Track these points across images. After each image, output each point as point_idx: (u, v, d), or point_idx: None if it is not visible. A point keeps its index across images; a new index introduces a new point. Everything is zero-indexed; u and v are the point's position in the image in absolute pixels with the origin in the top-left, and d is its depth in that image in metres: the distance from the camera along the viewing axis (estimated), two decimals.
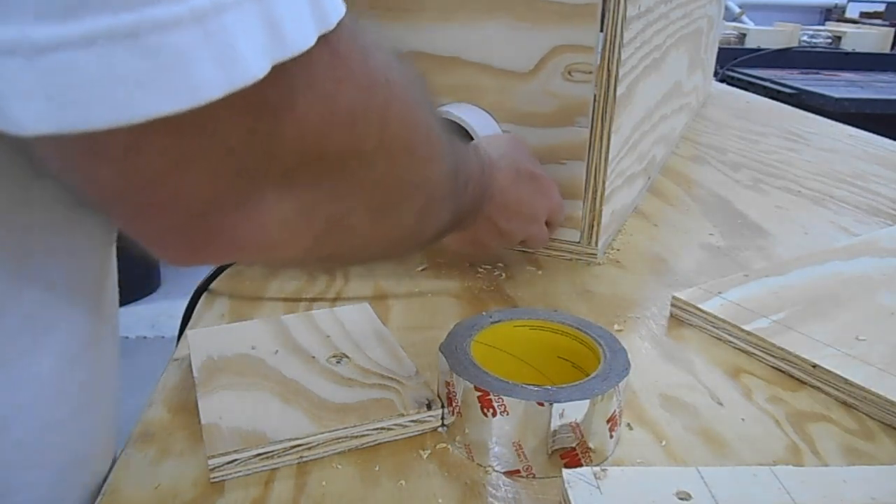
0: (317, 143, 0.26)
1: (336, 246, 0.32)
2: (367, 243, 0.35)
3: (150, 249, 0.26)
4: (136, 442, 0.39)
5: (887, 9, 3.63)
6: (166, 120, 0.20)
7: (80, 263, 0.34)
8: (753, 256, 0.66)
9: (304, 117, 0.25)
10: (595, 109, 0.58)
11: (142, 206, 0.24)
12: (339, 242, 0.32)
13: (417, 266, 0.61)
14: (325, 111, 0.25)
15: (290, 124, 0.24)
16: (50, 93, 0.19)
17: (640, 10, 0.60)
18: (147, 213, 0.24)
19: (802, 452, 0.40)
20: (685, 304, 0.53)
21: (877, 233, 0.69)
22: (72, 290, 0.33)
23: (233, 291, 0.56)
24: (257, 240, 0.27)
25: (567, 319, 0.43)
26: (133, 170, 0.22)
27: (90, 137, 0.20)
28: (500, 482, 0.37)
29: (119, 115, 0.19)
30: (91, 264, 0.35)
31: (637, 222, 0.74)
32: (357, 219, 0.31)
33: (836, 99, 1.76)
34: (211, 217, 0.25)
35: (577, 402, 0.36)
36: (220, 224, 0.25)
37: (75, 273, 0.33)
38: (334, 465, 0.38)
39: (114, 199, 0.24)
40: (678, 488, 0.33)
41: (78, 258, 0.33)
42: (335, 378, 0.42)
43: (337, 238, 0.31)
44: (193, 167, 0.23)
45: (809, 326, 0.49)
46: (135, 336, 2.22)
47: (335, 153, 0.27)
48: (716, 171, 0.93)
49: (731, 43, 2.35)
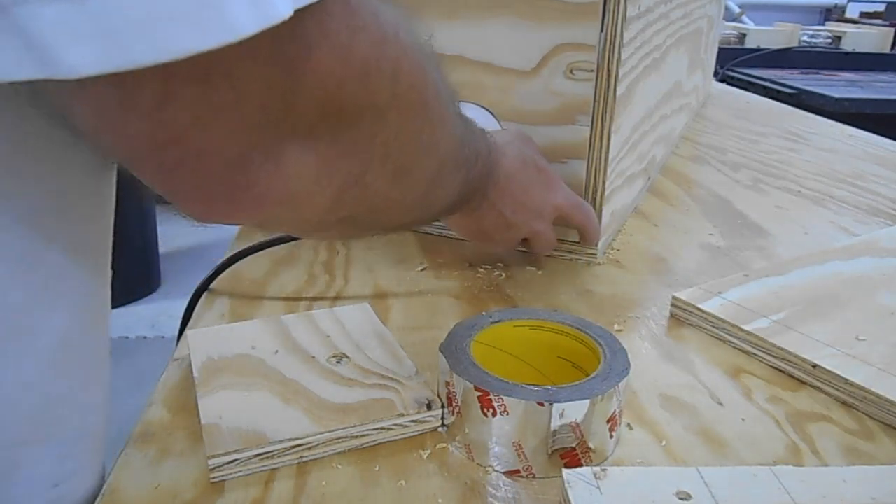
0: (333, 95, 0.27)
1: (355, 205, 0.33)
2: (383, 205, 0.36)
3: (179, 206, 0.27)
4: (136, 442, 0.39)
5: (887, 9, 3.63)
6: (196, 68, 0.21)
7: (82, 235, 0.35)
8: (753, 256, 0.66)
9: (320, 67, 0.26)
10: (595, 109, 0.58)
11: (172, 161, 0.25)
12: (357, 202, 0.33)
13: (417, 266, 0.61)
14: (339, 61, 0.26)
15: (307, 75, 0.25)
16: (96, 33, 0.19)
17: (640, 10, 0.60)
18: (177, 168, 0.25)
19: (802, 452, 0.40)
20: (685, 304, 0.53)
21: (877, 233, 0.69)
22: (74, 264, 0.34)
23: (233, 291, 0.56)
24: (281, 195, 0.28)
25: (567, 319, 0.43)
26: (163, 122, 0.23)
27: (124, 89, 0.21)
28: (500, 482, 0.37)
29: (160, 52, 0.20)
30: (91, 236, 0.36)
31: (637, 222, 0.74)
32: (373, 177, 0.32)
33: (836, 99, 1.76)
34: (238, 171, 0.26)
35: (577, 402, 0.36)
36: (246, 178, 0.26)
37: (78, 246, 0.34)
38: (334, 465, 0.38)
39: (145, 156, 0.25)
40: (678, 488, 0.33)
41: (80, 229, 0.35)
42: (335, 378, 0.42)
43: (356, 196, 0.32)
44: (220, 120, 0.24)
45: (809, 326, 0.49)
46: (135, 336, 2.22)
47: (350, 106, 0.28)
48: (716, 171, 0.93)
49: (731, 43, 2.35)
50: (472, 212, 0.50)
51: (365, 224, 0.38)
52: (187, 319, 0.54)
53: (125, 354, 2.12)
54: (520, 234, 0.55)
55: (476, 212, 0.50)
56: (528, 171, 0.53)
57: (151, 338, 2.23)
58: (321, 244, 0.64)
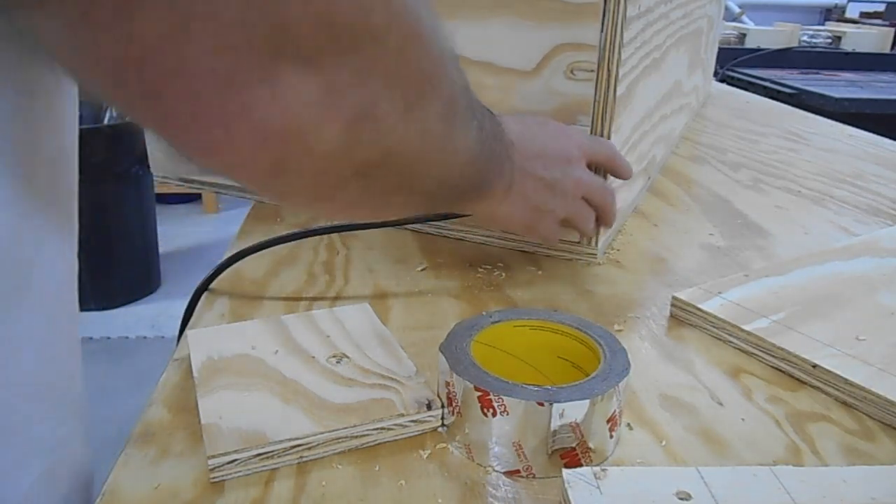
0: (322, 11, 0.26)
1: (370, 147, 0.32)
2: (399, 148, 0.34)
3: (176, 142, 0.27)
4: (136, 442, 0.39)
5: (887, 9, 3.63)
6: None
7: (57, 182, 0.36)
8: (753, 256, 0.66)
9: None
10: (595, 109, 0.58)
11: (151, 82, 0.24)
12: (371, 142, 0.31)
13: (417, 266, 0.61)
14: None
15: None
16: None
17: (640, 10, 0.60)
18: (160, 91, 0.24)
19: (802, 452, 0.40)
20: (685, 304, 0.53)
21: (877, 233, 0.69)
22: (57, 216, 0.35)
23: (233, 291, 0.56)
24: (283, 123, 0.27)
25: (567, 319, 0.43)
26: (131, 36, 0.22)
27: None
28: (500, 482, 0.37)
29: None
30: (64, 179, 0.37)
31: (637, 222, 0.74)
32: (382, 110, 0.31)
33: (836, 99, 1.76)
34: (228, 93, 0.25)
35: (577, 402, 0.36)
36: (240, 102, 0.25)
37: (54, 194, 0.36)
38: (334, 465, 0.38)
39: (123, 77, 0.24)
40: (678, 488, 0.33)
41: None
42: (335, 378, 0.42)
43: (368, 133, 0.31)
44: (195, 35, 0.23)
45: (809, 326, 0.49)
46: (135, 336, 2.22)
47: (345, 26, 0.27)
48: (716, 171, 0.93)
49: (731, 43, 2.35)
50: (509, 189, 0.47)
51: (387, 182, 0.35)
52: (187, 319, 0.54)
53: (125, 354, 2.12)
54: (567, 190, 0.52)
55: (513, 188, 0.48)
56: (531, 126, 0.51)
57: (151, 338, 2.23)
58: (321, 244, 0.64)
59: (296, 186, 0.31)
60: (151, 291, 2.47)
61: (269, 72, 0.25)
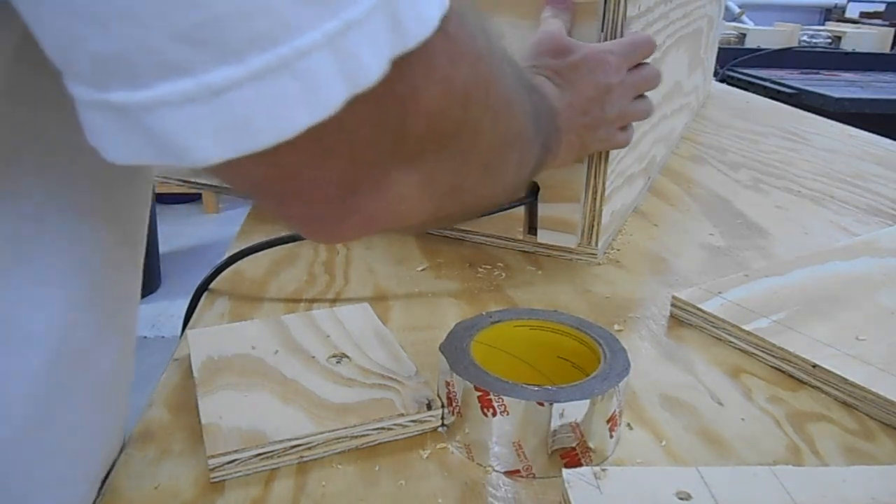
0: (437, 124, 0.28)
1: (452, 208, 0.35)
2: (477, 200, 0.37)
3: (296, 229, 0.30)
4: (136, 442, 0.39)
5: (887, 9, 3.63)
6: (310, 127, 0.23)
7: None
8: (753, 256, 0.66)
9: (426, 103, 0.26)
10: None
11: (286, 194, 0.27)
12: (455, 205, 0.35)
13: (417, 266, 0.61)
14: (443, 94, 0.27)
15: (414, 111, 0.26)
16: (224, 126, 0.21)
17: (640, 9, 0.60)
18: (291, 200, 0.27)
19: (802, 452, 0.40)
20: (685, 304, 0.53)
21: (877, 233, 0.69)
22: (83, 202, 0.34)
23: (233, 291, 0.56)
24: (387, 215, 0.30)
25: (567, 319, 0.43)
26: (278, 165, 0.24)
27: None
28: (500, 482, 0.37)
29: (278, 134, 0.22)
30: None
31: (637, 222, 0.74)
32: (470, 181, 0.34)
33: (836, 99, 1.76)
34: (347, 200, 0.28)
35: (577, 402, 0.36)
36: (355, 205, 0.28)
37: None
38: (334, 465, 0.38)
39: (262, 190, 0.27)
40: (678, 488, 0.33)
41: None
42: (335, 378, 0.42)
43: (453, 201, 0.34)
44: (330, 159, 0.25)
45: (809, 326, 0.49)
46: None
47: (452, 128, 0.29)
48: (716, 171, 0.93)
49: (731, 43, 2.35)
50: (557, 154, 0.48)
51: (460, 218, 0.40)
52: (188, 319, 0.54)
53: None
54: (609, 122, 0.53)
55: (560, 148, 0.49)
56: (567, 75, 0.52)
57: (151, 338, 2.23)
58: (321, 244, 0.64)
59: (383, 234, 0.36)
60: (152, 291, 2.47)
61: (383, 178, 0.28)
